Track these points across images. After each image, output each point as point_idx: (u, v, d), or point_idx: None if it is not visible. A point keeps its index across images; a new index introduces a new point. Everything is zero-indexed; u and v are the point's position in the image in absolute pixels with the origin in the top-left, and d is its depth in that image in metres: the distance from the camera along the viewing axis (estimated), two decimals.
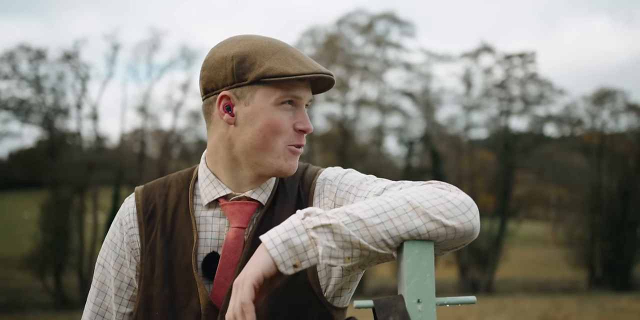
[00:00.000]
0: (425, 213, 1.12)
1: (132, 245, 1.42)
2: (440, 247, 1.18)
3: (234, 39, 1.38)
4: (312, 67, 1.32)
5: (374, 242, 1.11)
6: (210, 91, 1.36)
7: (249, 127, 1.33)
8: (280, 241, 1.10)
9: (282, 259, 1.10)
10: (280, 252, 1.10)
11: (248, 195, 1.38)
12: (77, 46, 26.18)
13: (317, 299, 1.35)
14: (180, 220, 1.41)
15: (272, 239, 1.11)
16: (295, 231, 1.11)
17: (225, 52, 1.34)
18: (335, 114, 29.26)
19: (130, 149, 30.08)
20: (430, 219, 1.12)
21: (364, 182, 1.34)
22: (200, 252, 1.37)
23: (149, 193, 1.46)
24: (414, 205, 1.13)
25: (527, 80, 29.78)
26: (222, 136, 1.37)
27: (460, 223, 1.14)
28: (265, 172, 1.36)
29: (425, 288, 1.12)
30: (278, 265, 1.10)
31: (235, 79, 1.32)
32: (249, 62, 1.32)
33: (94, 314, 1.45)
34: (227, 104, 1.34)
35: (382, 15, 29.53)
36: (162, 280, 1.37)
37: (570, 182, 31.42)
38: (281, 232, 1.11)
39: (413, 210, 1.12)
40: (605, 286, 26.99)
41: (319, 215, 1.12)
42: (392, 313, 1.09)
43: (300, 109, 1.37)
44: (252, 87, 1.32)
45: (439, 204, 1.14)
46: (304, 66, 1.31)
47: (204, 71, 1.37)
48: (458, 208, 1.14)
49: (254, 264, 1.10)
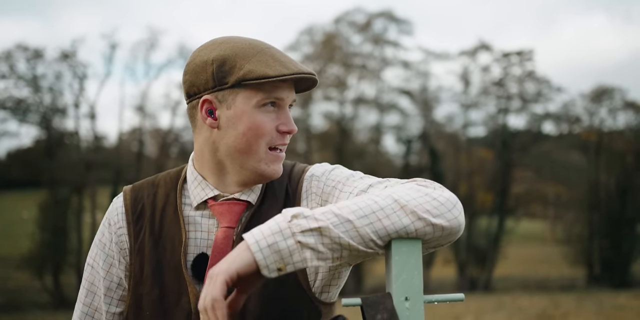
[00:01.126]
0: (413, 212, 1.12)
1: (121, 245, 1.42)
2: (427, 245, 1.17)
3: (215, 41, 1.38)
4: (292, 67, 1.31)
5: (363, 242, 1.11)
6: (193, 95, 1.37)
7: (232, 130, 1.34)
8: (265, 244, 1.08)
9: (267, 262, 1.08)
10: (265, 256, 1.08)
11: (237, 196, 1.38)
12: (74, 45, 26.18)
13: (306, 295, 1.35)
14: (169, 220, 1.41)
15: (257, 241, 1.09)
16: (282, 234, 1.09)
17: (206, 56, 1.34)
18: (334, 112, 29.29)
19: (129, 148, 30.06)
20: (417, 218, 1.12)
21: (350, 179, 1.35)
22: (190, 252, 1.37)
23: (137, 193, 1.46)
24: (401, 204, 1.13)
25: (525, 78, 29.81)
26: (207, 140, 1.37)
27: (447, 220, 1.14)
28: (250, 176, 1.37)
29: (413, 286, 1.12)
30: (262, 269, 1.08)
31: (216, 83, 1.32)
32: (229, 65, 1.31)
33: (84, 314, 1.45)
34: (210, 108, 1.34)
35: (380, 14, 29.54)
36: (151, 280, 1.37)
37: (568, 179, 31.45)
38: (267, 234, 1.09)
39: (401, 209, 1.12)
40: (604, 284, 27.03)
41: (307, 218, 1.10)
42: (380, 311, 1.09)
43: (283, 110, 1.36)
44: (234, 91, 1.32)
45: (425, 202, 1.14)
46: (285, 67, 1.31)
47: (186, 75, 1.38)
48: (444, 205, 1.15)
49: (230, 260, 1.09)
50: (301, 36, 29.98)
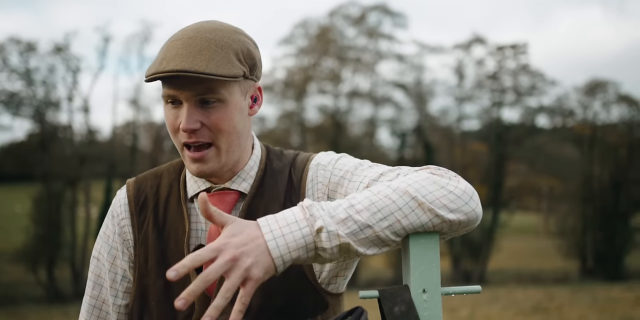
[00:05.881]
0: (430, 209, 1.11)
1: (124, 236, 1.42)
2: (444, 236, 1.17)
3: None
4: (172, 64, 1.22)
5: (381, 243, 1.11)
6: None
7: None
8: (289, 258, 1.07)
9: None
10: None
11: (227, 185, 1.37)
12: (67, 38, 26.03)
13: (312, 286, 1.34)
14: (172, 211, 1.40)
15: (282, 255, 1.06)
16: (306, 249, 1.08)
17: None
18: (328, 105, 29.27)
19: (122, 141, 29.99)
20: (435, 215, 1.11)
21: (359, 168, 1.32)
22: (192, 243, 1.37)
23: (140, 184, 1.45)
24: (419, 201, 1.11)
25: (519, 72, 29.85)
26: None
27: (464, 214, 1.13)
28: None
29: (431, 278, 1.11)
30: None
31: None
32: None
33: (91, 306, 1.45)
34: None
35: (375, 7, 29.49)
36: (156, 271, 1.37)
37: (562, 173, 31.56)
38: (292, 248, 1.07)
39: (419, 206, 1.11)
40: (597, 276, 27.17)
41: (329, 233, 1.07)
42: (398, 303, 1.09)
43: (183, 106, 1.29)
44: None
45: (441, 195, 1.12)
46: (166, 63, 1.23)
47: None
48: (461, 198, 1.13)
49: (260, 267, 1.05)
50: (295, 29, 29.95)
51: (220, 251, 1.04)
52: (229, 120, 1.29)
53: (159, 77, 1.23)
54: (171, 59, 1.24)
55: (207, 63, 1.23)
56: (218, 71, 1.23)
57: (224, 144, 1.30)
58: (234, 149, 1.33)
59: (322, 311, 1.36)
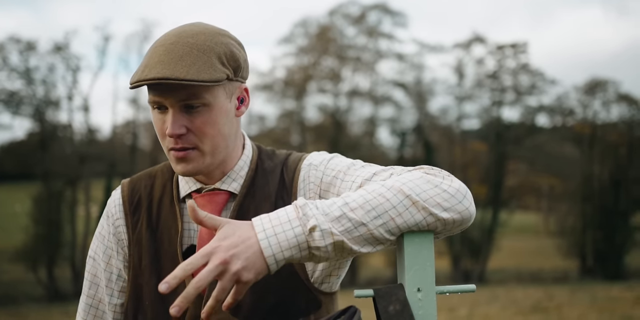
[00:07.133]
0: (424, 207, 1.11)
1: (119, 236, 1.43)
2: (438, 235, 1.17)
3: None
4: (154, 72, 1.22)
5: (375, 241, 1.12)
6: None
7: None
8: (282, 258, 1.08)
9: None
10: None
11: (217, 186, 1.37)
12: (67, 37, 26.04)
13: (304, 285, 1.35)
14: (165, 211, 1.41)
15: (274, 255, 1.07)
16: (299, 248, 1.08)
17: None
18: (328, 105, 29.27)
19: (122, 141, 30.00)
20: (429, 213, 1.11)
21: (351, 167, 1.32)
22: (185, 243, 1.38)
23: (134, 185, 1.47)
24: (413, 200, 1.11)
25: (519, 71, 29.84)
26: None
27: (458, 213, 1.13)
28: None
29: (426, 277, 1.12)
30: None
31: None
32: None
33: (88, 306, 1.46)
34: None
35: (375, 6, 29.49)
36: (149, 270, 1.38)
37: (562, 172, 31.57)
38: (284, 247, 1.07)
39: (413, 205, 1.11)
40: (597, 275, 27.18)
41: (323, 232, 1.08)
42: (393, 302, 1.09)
43: (168, 112, 1.29)
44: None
45: (435, 194, 1.13)
46: (148, 71, 1.23)
47: None
48: (454, 197, 1.14)
49: (250, 269, 1.06)
50: (295, 28, 29.95)
51: (210, 255, 1.05)
52: (213, 124, 1.30)
53: (141, 84, 1.24)
54: (153, 66, 1.23)
55: (189, 69, 1.23)
56: (199, 77, 1.23)
57: (208, 147, 1.31)
58: (220, 150, 1.33)
59: (314, 310, 1.36)
